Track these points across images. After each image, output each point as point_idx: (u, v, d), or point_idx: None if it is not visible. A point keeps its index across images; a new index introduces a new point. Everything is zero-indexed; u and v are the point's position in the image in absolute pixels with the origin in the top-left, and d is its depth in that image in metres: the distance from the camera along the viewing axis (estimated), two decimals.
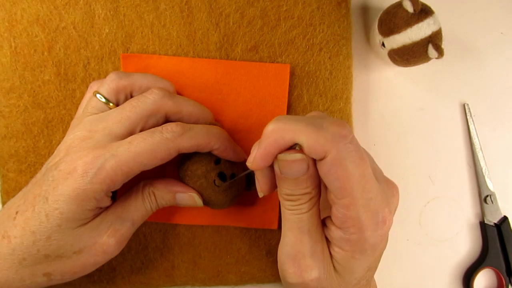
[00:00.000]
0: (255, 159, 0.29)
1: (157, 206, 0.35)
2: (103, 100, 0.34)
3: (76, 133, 0.32)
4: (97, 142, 0.31)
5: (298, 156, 0.28)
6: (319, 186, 0.30)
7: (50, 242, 0.30)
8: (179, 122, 0.32)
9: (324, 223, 0.31)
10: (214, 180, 0.34)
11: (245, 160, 0.36)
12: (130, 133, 0.32)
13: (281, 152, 0.28)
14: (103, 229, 0.32)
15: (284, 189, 0.30)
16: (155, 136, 0.31)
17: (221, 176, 0.34)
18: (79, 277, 0.33)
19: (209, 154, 0.34)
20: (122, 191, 0.34)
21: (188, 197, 0.35)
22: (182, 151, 0.32)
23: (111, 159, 0.30)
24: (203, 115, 0.36)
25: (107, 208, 0.33)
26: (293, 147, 0.28)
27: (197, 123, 0.35)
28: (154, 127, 0.33)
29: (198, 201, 0.35)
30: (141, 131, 0.33)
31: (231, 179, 0.35)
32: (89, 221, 0.31)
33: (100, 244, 0.32)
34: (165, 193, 0.35)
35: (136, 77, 0.35)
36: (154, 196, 0.34)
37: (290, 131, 0.27)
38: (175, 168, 0.36)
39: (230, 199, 0.36)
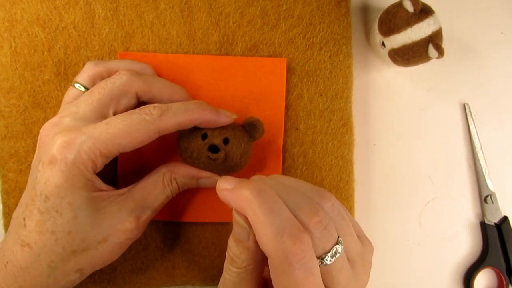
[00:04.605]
0: (222, 192, 0.28)
1: (178, 191, 0.35)
2: (82, 89, 0.34)
3: (47, 122, 0.32)
4: (67, 126, 0.31)
5: (240, 221, 0.28)
6: (256, 268, 0.28)
7: (73, 236, 0.30)
8: (156, 104, 0.32)
9: None
10: (208, 156, 0.34)
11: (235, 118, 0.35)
12: (103, 116, 0.32)
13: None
14: (124, 216, 0.32)
15: (230, 239, 0.29)
16: (133, 117, 0.31)
17: (213, 149, 0.34)
18: None
19: (195, 130, 0.34)
20: (140, 175, 0.34)
21: (212, 181, 0.35)
22: (164, 133, 0.32)
23: (88, 140, 0.29)
24: (175, 92, 0.35)
25: (125, 195, 0.33)
26: None
27: (171, 102, 0.34)
28: (127, 109, 0.33)
29: None
30: (114, 114, 0.33)
31: (225, 144, 0.34)
32: (105, 208, 0.31)
33: (123, 231, 0.32)
34: (188, 180, 0.35)
35: (112, 62, 0.35)
36: (176, 183, 0.35)
37: (253, 214, 0.26)
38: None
39: (240, 159, 0.35)
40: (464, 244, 0.44)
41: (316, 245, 0.26)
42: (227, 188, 0.28)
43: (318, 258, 0.26)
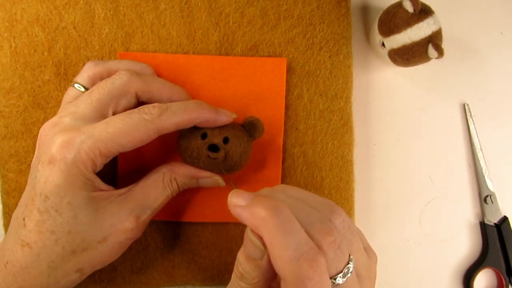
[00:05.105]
0: (235, 209, 0.28)
1: (179, 191, 0.35)
2: (82, 89, 0.34)
3: (47, 122, 0.32)
4: (66, 125, 0.31)
5: (255, 241, 0.27)
6: (266, 284, 0.28)
7: (72, 236, 0.30)
8: (156, 104, 0.32)
9: None
10: (208, 155, 0.34)
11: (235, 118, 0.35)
12: (102, 115, 0.32)
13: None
14: (123, 216, 0.32)
15: (239, 254, 0.28)
16: (133, 117, 0.31)
17: (213, 148, 0.34)
18: None
19: (195, 130, 0.34)
20: (140, 175, 0.34)
21: (212, 181, 0.36)
22: (163, 132, 0.32)
23: (87, 140, 0.29)
24: (174, 92, 0.35)
25: (125, 194, 0.33)
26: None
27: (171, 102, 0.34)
28: (126, 109, 0.33)
29: (221, 183, 0.36)
30: (113, 114, 0.33)
31: (225, 144, 0.34)
32: (105, 208, 0.31)
33: (123, 231, 0.32)
34: (188, 180, 0.35)
35: (111, 62, 0.36)
36: (177, 183, 0.34)
37: (270, 235, 0.25)
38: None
39: (240, 158, 0.35)
40: (464, 244, 0.44)
41: (329, 266, 0.26)
42: (241, 204, 0.27)
43: (330, 278, 0.26)
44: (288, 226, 0.25)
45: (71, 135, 0.30)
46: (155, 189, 0.34)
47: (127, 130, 0.30)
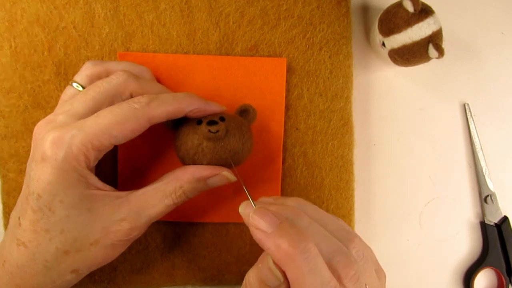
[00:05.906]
0: (256, 233, 0.28)
1: (186, 198, 0.34)
2: (80, 88, 0.34)
3: (41, 120, 0.32)
4: (59, 123, 0.31)
5: (276, 272, 0.27)
6: None
7: (65, 235, 0.30)
8: (145, 94, 0.32)
9: None
10: (209, 130, 0.32)
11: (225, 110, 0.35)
12: None
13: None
14: (116, 220, 0.31)
15: (252, 275, 0.29)
16: (123, 107, 0.31)
17: (212, 124, 0.33)
18: None
19: (190, 122, 0.34)
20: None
21: (221, 178, 0.34)
22: (154, 121, 0.31)
23: (78, 134, 0.29)
24: None
25: (121, 199, 0.32)
26: None
27: None
28: None
29: (231, 177, 0.34)
30: None
31: (222, 121, 0.33)
32: (98, 209, 0.31)
33: (114, 233, 0.31)
34: (195, 183, 0.33)
35: (110, 63, 0.36)
36: (183, 191, 0.33)
37: (295, 273, 0.26)
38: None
39: (241, 138, 0.34)
40: (464, 244, 0.44)
41: None
42: (264, 230, 0.27)
43: None
44: (314, 265, 0.26)
45: (61, 131, 0.30)
46: (153, 197, 0.32)
47: (117, 120, 0.30)
